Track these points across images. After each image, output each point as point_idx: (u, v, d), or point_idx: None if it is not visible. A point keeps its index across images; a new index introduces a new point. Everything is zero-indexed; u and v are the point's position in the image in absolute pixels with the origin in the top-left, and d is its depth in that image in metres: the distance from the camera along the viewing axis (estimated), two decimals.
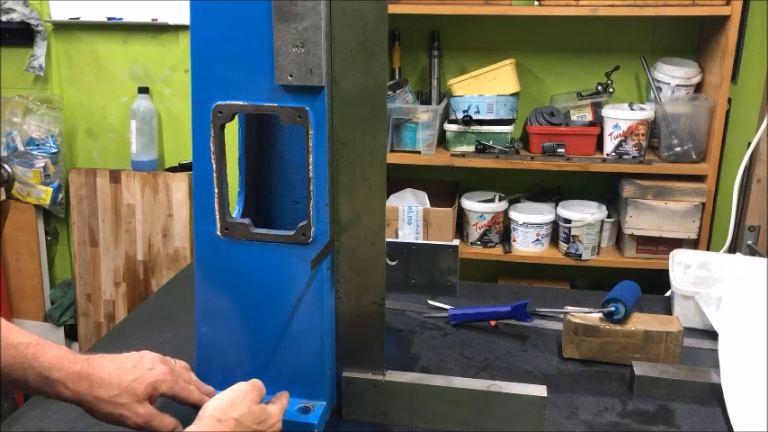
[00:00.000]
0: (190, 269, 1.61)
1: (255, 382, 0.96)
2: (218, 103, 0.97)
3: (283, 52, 0.92)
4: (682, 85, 2.36)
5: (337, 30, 0.93)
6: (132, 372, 0.89)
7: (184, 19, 2.68)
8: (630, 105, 2.39)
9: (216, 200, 1.00)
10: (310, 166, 0.97)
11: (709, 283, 1.44)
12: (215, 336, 1.06)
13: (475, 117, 2.41)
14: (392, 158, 2.42)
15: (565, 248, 2.45)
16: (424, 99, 2.61)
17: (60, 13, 2.77)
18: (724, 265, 1.47)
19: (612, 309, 1.24)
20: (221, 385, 1.05)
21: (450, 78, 2.51)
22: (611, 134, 2.35)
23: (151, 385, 0.90)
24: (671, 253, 1.52)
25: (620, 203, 2.46)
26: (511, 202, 2.56)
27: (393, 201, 2.51)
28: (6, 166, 2.71)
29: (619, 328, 1.24)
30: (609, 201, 2.56)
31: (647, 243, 2.39)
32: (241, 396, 0.92)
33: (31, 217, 2.88)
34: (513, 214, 2.49)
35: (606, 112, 2.36)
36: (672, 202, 2.31)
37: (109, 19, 2.74)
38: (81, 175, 2.84)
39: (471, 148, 2.45)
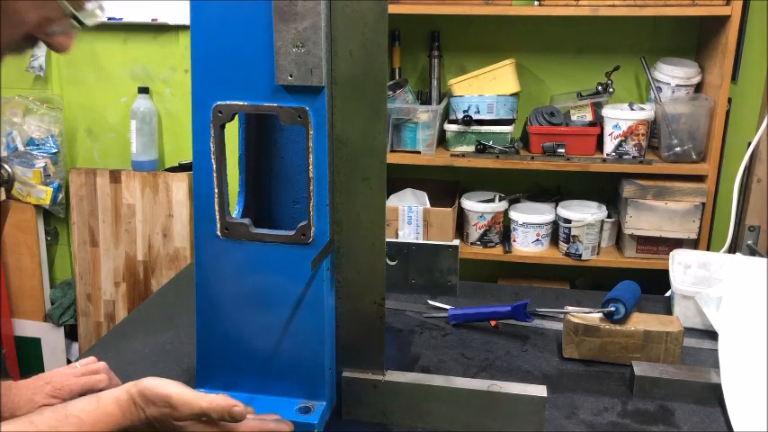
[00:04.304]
0: (190, 269, 1.61)
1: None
2: (218, 103, 0.97)
3: (283, 52, 0.92)
4: (682, 85, 2.36)
5: (337, 30, 0.93)
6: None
7: (184, 19, 2.68)
8: (630, 105, 2.39)
9: (216, 200, 1.00)
10: (310, 166, 0.97)
11: (709, 283, 1.44)
12: (215, 336, 1.06)
13: (475, 117, 2.41)
14: (392, 158, 2.42)
15: (565, 248, 2.45)
16: (424, 99, 2.61)
17: None
18: (724, 265, 1.47)
19: (612, 309, 1.24)
20: (222, 385, 1.06)
21: (450, 78, 2.51)
22: (611, 134, 2.35)
23: (50, 385, 1.02)
24: (671, 253, 1.52)
25: (620, 203, 2.46)
26: (511, 202, 2.56)
27: (393, 201, 2.51)
28: (6, 166, 2.71)
29: (619, 328, 1.24)
30: (609, 201, 2.56)
31: (647, 243, 2.39)
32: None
33: (31, 217, 2.88)
34: (513, 214, 2.49)
35: (606, 112, 2.36)
36: (672, 202, 2.31)
37: (109, 19, 2.74)
38: (81, 175, 2.84)
39: (471, 148, 2.45)
